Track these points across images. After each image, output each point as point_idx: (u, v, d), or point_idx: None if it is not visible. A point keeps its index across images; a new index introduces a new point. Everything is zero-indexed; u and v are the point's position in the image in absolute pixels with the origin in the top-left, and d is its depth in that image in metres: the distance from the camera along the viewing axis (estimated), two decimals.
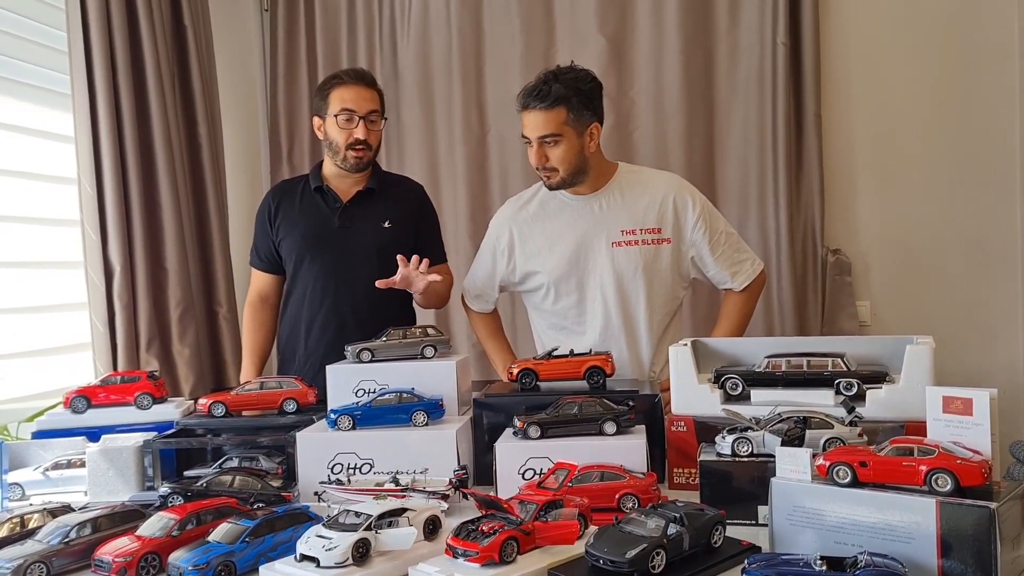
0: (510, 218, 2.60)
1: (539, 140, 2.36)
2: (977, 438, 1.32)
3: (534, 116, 2.36)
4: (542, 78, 2.38)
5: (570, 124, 2.36)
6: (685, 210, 2.47)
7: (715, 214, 2.55)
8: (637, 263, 2.45)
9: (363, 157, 2.59)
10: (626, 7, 3.48)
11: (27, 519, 1.60)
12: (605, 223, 2.48)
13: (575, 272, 2.49)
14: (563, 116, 2.35)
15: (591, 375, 1.97)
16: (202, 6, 3.37)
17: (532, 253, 2.54)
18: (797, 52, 3.35)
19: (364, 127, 2.56)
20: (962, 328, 3.33)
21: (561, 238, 2.50)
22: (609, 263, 2.46)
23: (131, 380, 2.11)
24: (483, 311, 2.74)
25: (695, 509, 1.39)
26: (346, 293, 2.60)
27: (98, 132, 2.79)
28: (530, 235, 2.55)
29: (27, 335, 2.71)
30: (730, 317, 2.56)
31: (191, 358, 3.03)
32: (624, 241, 2.46)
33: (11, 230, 2.68)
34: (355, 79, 2.59)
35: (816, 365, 1.80)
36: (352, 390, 2.00)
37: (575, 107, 2.36)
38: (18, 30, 2.71)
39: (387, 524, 1.41)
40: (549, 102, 2.33)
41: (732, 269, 2.51)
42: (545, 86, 2.35)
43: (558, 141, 2.36)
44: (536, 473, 1.72)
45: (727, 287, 2.55)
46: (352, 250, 2.61)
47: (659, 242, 2.47)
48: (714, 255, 2.49)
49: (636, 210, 2.47)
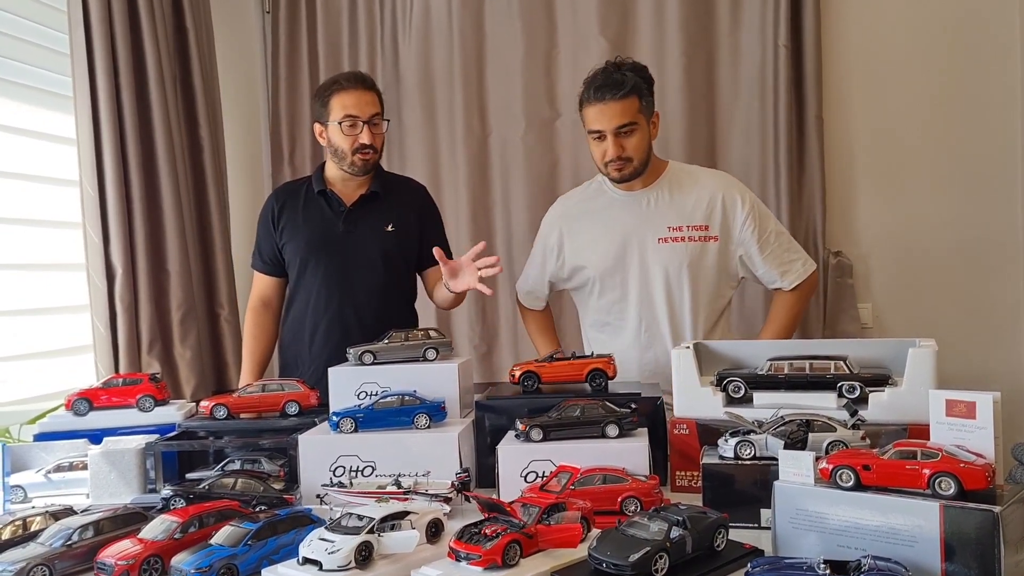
0: (560, 216, 2.63)
1: (615, 131, 2.36)
2: (980, 441, 1.32)
3: (609, 107, 2.35)
4: (608, 69, 2.39)
5: (643, 112, 2.39)
6: (734, 208, 2.47)
7: (765, 213, 2.55)
8: (683, 260, 2.45)
9: (370, 160, 2.59)
10: (627, 9, 3.48)
11: (29, 522, 1.59)
12: (652, 219, 2.48)
13: (620, 267, 2.50)
14: (636, 105, 2.37)
15: (593, 378, 1.97)
16: (204, 8, 3.37)
17: (579, 248, 2.56)
18: (798, 54, 3.35)
19: (369, 131, 2.55)
20: (964, 330, 3.32)
21: (608, 233, 2.51)
22: (655, 259, 2.47)
23: (133, 382, 2.11)
24: (534, 308, 2.77)
25: (698, 512, 1.39)
26: (350, 298, 2.60)
27: (100, 134, 2.79)
28: (578, 230, 2.57)
29: (29, 337, 2.70)
30: (778, 317, 2.56)
31: (192, 360, 3.03)
32: (671, 238, 2.46)
33: (13, 232, 2.68)
34: (355, 83, 2.58)
35: (818, 368, 1.80)
36: (354, 392, 2.00)
37: (645, 95, 2.39)
38: (19, 32, 2.71)
39: (390, 527, 1.41)
40: (625, 91, 2.34)
41: (781, 268, 2.50)
42: (618, 74, 2.36)
43: (633, 130, 2.37)
44: (538, 476, 1.72)
45: (776, 287, 2.54)
46: (357, 254, 2.60)
47: (706, 239, 2.46)
48: (763, 254, 2.48)
49: (684, 207, 2.48)
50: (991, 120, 3.32)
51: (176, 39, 3.19)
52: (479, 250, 2.35)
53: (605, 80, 2.36)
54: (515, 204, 3.59)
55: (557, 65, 3.55)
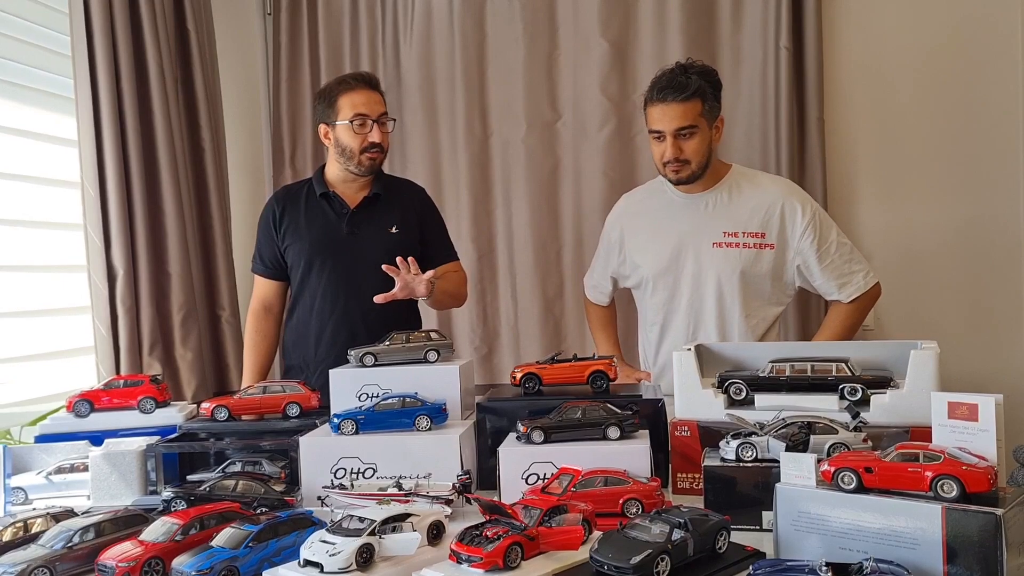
0: (621, 213, 2.67)
1: (675, 132, 2.36)
2: (983, 444, 1.32)
3: (671, 109, 2.36)
4: (674, 71, 2.39)
5: (705, 116, 2.39)
6: (793, 216, 2.46)
7: (827, 223, 2.53)
8: (736, 266, 2.45)
9: (377, 160, 2.59)
10: (629, 11, 3.48)
11: (30, 523, 1.59)
12: (709, 223, 2.49)
13: (673, 269, 2.52)
14: (699, 108, 2.37)
15: (594, 379, 1.97)
16: (205, 10, 3.38)
17: (637, 246, 2.59)
18: (800, 56, 3.35)
19: (378, 130, 2.55)
20: (966, 332, 3.32)
21: (664, 233, 2.53)
22: (709, 263, 2.48)
23: (134, 384, 2.11)
24: (599, 303, 2.81)
25: (699, 514, 1.38)
26: (356, 300, 2.59)
27: (101, 136, 2.79)
28: (637, 229, 2.60)
29: (30, 339, 2.71)
30: (831, 327, 2.54)
31: (193, 362, 3.03)
32: (725, 243, 2.47)
33: (14, 234, 2.68)
34: (363, 83, 2.58)
35: (820, 370, 1.80)
36: (355, 394, 2.00)
37: (709, 99, 2.39)
38: (21, 34, 2.71)
39: (391, 529, 1.41)
40: (688, 94, 2.35)
41: (840, 280, 2.48)
42: (683, 76, 2.36)
43: (694, 133, 2.37)
44: (540, 478, 1.72)
45: (834, 298, 2.52)
46: (362, 257, 2.60)
47: (761, 247, 2.46)
48: (821, 264, 2.47)
49: (741, 213, 2.48)
50: (992, 121, 3.32)
51: (177, 41, 3.19)
52: (403, 271, 2.36)
53: (669, 81, 2.37)
54: (516, 206, 3.59)
55: (558, 67, 3.55)
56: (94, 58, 2.77)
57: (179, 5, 3.20)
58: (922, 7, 3.36)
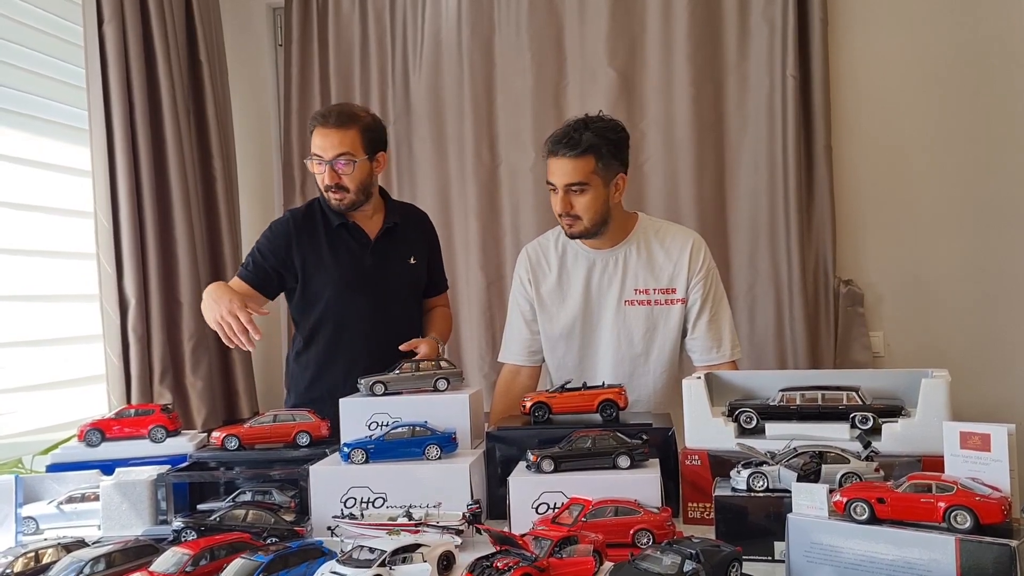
0: (529, 260, 2.57)
1: (565, 188, 2.33)
2: (996, 474, 1.31)
3: (562, 163, 2.32)
4: (572, 125, 2.34)
5: (598, 173, 2.33)
6: (695, 265, 2.44)
7: (718, 280, 2.49)
8: (646, 324, 2.43)
9: (342, 199, 2.48)
10: (636, 40, 3.51)
11: (41, 554, 1.59)
12: (618, 280, 2.45)
13: (583, 328, 2.47)
14: (591, 165, 2.32)
15: (604, 408, 1.96)
16: (217, 41, 3.43)
17: (545, 300, 2.52)
18: (807, 84, 3.37)
19: (332, 172, 2.44)
20: (977, 359, 3.30)
21: (573, 291, 2.48)
22: (620, 322, 2.44)
23: (145, 413, 2.12)
24: (533, 364, 2.63)
25: (711, 545, 1.37)
26: (386, 332, 2.51)
27: (115, 166, 2.82)
28: (544, 281, 2.53)
29: (42, 367, 2.72)
30: None
31: (204, 390, 3.04)
32: (636, 300, 2.44)
33: (28, 263, 2.70)
34: (325, 121, 2.46)
35: (831, 399, 1.79)
36: (365, 423, 2.00)
37: (604, 156, 2.33)
38: (36, 66, 2.76)
39: (401, 560, 1.40)
40: (579, 150, 2.30)
41: (718, 340, 2.44)
42: (576, 134, 2.31)
43: (584, 190, 2.32)
44: (550, 507, 1.71)
45: (708, 359, 2.43)
46: (388, 288, 2.57)
47: (671, 302, 2.44)
48: (700, 317, 2.43)
49: (651, 268, 2.45)
50: (1001, 148, 3.32)
51: (190, 72, 3.24)
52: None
53: (563, 136, 2.32)
54: (525, 234, 3.59)
55: (566, 96, 3.58)
56: (108, 90, 2.82)
57: (192, 37, 3.25)
58: (928, 35, 3.38)
